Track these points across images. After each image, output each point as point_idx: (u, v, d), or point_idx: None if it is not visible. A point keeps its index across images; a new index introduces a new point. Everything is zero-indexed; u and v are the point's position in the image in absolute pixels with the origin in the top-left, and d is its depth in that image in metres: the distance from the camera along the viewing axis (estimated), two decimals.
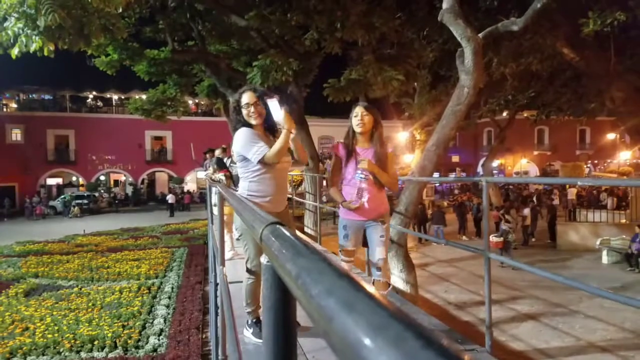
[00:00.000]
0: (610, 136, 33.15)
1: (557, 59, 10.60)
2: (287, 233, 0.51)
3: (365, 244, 3.14)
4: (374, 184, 3.01)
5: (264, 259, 0.51)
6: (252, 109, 2.81)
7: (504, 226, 12.57)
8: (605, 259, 12.18)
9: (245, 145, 2.78)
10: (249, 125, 2.86)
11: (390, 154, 3.13)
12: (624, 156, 31.91)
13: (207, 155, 7.66)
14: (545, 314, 8.05)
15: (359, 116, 3.06)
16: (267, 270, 0.49)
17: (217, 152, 7.15)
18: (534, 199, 20.61)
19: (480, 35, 6.19)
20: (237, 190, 6.61)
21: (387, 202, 3.22)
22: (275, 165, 2.80)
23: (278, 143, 2.71)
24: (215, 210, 3.25)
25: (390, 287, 3.20)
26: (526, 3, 7.46)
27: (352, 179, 3.02)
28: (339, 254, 3.16)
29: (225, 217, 6.13)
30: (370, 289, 0.30)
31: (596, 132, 37.46)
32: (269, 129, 2.94)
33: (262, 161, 2.74)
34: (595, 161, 37.42)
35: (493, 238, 11.59)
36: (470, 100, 6.15)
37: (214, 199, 4.52)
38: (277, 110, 2.74)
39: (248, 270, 2.96)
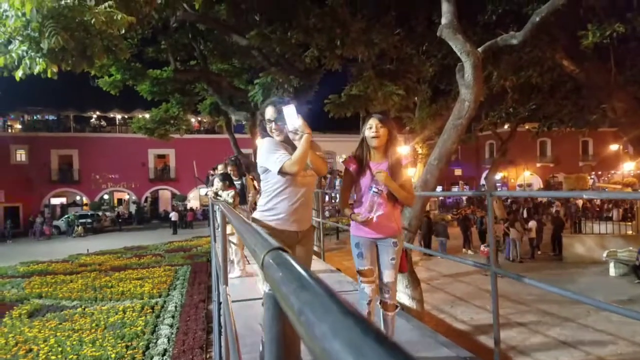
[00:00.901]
0: (613, 147, 33.08)
1: (557, 71, 10.63)
2: (291, 261, 0.48)
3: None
4: (389, 200, 2.84)
5: (266, 287, 0.49)
6: (273, 125, 2.66)
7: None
8: (612, 271, 12.03)
9: (266, 154, 2.59)
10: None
11: (404, 167, 2.95)
12: (628, 167, 31.77)
13: (214, 172, 7.60)
14: (553, 328, 7.93)
15: (373, 128, 2.85)
16: (269, 299, 0.47)
17: (220, 168, 7.04)
18: (534, 210, 20.48)
19: (479, 49, 6.23)
20: (244, 208, 6.45)
21: (401, 221, 3.04)
22: (297, 179, 2.60)
23: (298, 150, 2.50)
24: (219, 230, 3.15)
25: (398, 308, 3.05)
26: (524, 17, 7.53)
27: (366, 194, 2.83)
28: (358, 279, 2.92)
29: (235, 237, 6.00)
30: (379, 330, 0.28)
31: (599, 143, 37.39)
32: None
33: (282, 170, 2.52)
34: (599, 172, 37.25)
35: (482, 247, 12.57)
36: (471, 113, 6.16)
37: (217, 219, 4.47)
38: (293, 117, 2.50)
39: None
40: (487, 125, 15.80)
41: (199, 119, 34.35)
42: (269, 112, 2.68)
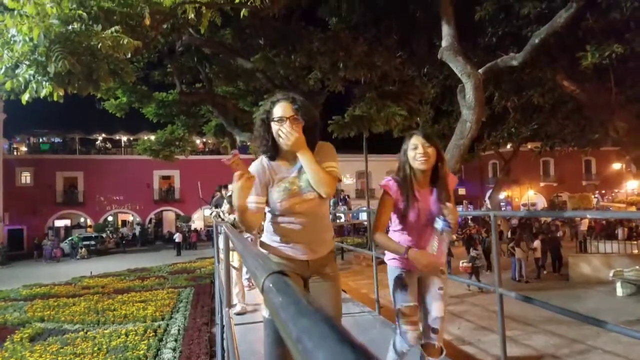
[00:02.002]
0: (616, 166, 33.08)
1: (558, 91, 10.71)
2: (291, 286, 0.48)
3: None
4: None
5: (266, 312, 0.49)
6: (286, 124, 2.00)
7: (472, 252, 13.07)
8: (619, 291, 11.86)
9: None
10: (272, 152, 2.10)
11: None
12: (631, 185, 31.68)
13: (217, 193, 7.58)
14: (561, 350, 7.78)
15: (419, 149, 2.38)
16: (269, 325, 0.47)
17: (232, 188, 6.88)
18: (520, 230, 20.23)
19: (480, 70, 6.31)
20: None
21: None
22: (294, 207, 2.05)
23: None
24: (222, 253, 3.08)
25: (444, 353, 2.55)
26: (524, 39, 7.63)
27: (417, 226, 2.49)
28: (398, 321, 2.49)
29: (237, 262, 5.95)
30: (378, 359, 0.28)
31: (602, 162, 37.37)
32: None
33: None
34: (603, 191, 37.11)
35: (462, 263, 12.79)
36: (473, 134, 6.21)
37: (220, 242, 4.44)
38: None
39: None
40: (489, 145, 15.85)
41: (204, 140, 34.63)
42: (282, 108, 2.05)
